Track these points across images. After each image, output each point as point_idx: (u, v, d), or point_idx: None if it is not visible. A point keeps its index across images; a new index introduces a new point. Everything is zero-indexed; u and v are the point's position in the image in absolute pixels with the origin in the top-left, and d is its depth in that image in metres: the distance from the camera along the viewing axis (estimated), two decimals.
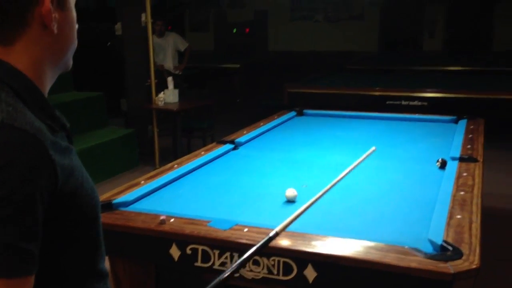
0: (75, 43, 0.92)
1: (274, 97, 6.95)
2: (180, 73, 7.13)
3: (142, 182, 2.33)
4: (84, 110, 5.57)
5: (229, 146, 3.04)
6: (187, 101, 5.72)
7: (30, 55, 0.84)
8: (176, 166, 2.59)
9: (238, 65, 9.96)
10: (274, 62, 11.36)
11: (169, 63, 7.01)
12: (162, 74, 6.50)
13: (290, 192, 2.10)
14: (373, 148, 1.98)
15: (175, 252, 1.80)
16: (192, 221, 1.86)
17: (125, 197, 2.10)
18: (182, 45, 7.13)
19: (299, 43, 11.92)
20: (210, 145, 3.16)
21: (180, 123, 5.44)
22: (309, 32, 11.84)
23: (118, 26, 5.94)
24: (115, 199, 2.06)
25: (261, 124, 3.67)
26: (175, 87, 5.63)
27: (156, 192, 2.26)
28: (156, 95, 5.51)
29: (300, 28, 12.11)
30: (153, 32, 6.05)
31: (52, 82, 0.91)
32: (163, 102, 5.45)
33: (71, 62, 0.94)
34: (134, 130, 5.77)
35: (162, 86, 5.69)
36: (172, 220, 1.86)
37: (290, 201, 2.10)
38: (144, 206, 2.08)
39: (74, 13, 0.90)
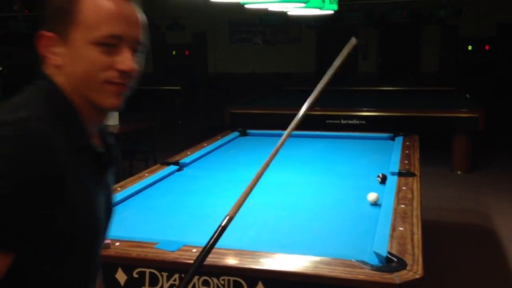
0: (91, 80, 0.90)
1: (215, 118, 6.96)
2: None
3: None
4: None
5: (173, 167, 3.00)
6: (127, 124, 5.61)
7: (56, 79, 0.92)
8: (119, 189, 2.52)
9: (179, 87, 9.92)
10: (214, 84, 11.42)
11: None
12: None
13: (373, 196, 2.34)
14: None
15: (121, 276, 1.74)
16: (138, 244, 1.81)
17: None
18: None
19: (239, 65, 12.08)
20: (154, 167, 3.10)
21: (121, 146, 5.31)
22: (248, 54, 12.03)
23: None
24: None
25: (205, 144, 3.66)
26: None
27: None
28: None
29: (239, 50, 12.28)
30: None
31: (93, 117, 0.95)
32: None
33: (102, 101, 0.92)
34: None
35: None
36: (117, 243, 1.80)
37: (374, 203, 2.33)
38: None
39: (87, 51, 0.89)
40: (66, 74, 0.90)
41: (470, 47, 11.15)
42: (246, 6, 3.05)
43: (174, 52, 12.95)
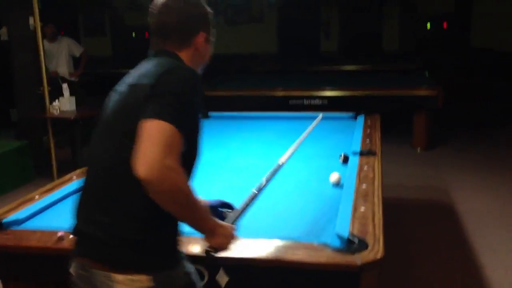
0: (207, 61, 1.57)
1: None
2: (76, 80, 6.77)
3: (37, 197, 2.15)
4: None
5: None
6: (86, 109, 5.43)
7: (186, 59, 1.47)
8: (74, 177, 2.43)
9: None
10: None
11: (63, 69, 6.63)
12: (56, 81, 6.12)
13: (335, 177, 2.33)
14: (320, 115, 2.39)
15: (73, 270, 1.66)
16: None
17: (16, 215, 1.92)
18: (77, 50, 6.77)
19: None
20: None
21: (80, 132, 5.15)
22: None
23: (3, 30, 5.51)
24: (4, 218, 1.88)
25: None
26: (72, 94, 5.33)
27: (53, 207, 2.10)
28: (51, 103, 5.17)
29: None
30: (44, 37, 5.69)
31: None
32: (58, 111, 5.12)
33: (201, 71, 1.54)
34: (27, 142, 5.36)
35: (56, 93, 5.35)
36: (72, 236, 1.72)
37: (336, 184, 2.32)
38: (39, 223, 1.92)
39: (211, 46, 1.57)
40: (199, 58, 1.52)
41: (428, 25, 11.32)
42: None
43: (134, 34, 12.62)
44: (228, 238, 1.40)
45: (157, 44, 1.46)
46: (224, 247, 1.40)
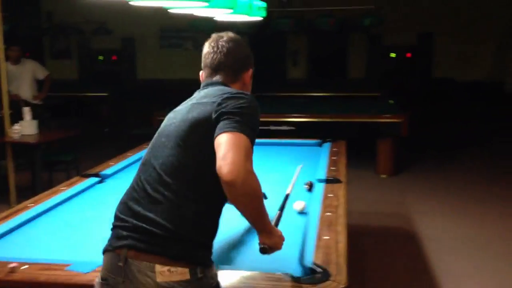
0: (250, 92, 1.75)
1: (145, 125, 6.76)
2: (40, 103, 6.61)
3: None
4: None
5: (94, 180, 2.84)
6: (48, 132, 5.30)
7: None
8: (32, 204, 2.34)
9: (106, 94, 9.57)
10: (143, 90, 11.14)
11: (25, 92, 6.46)
12: (17, 104, 5.96)
13: (300, 205, 2.36)
14: (301, 165, 2.53)
15: None
16: (48, 266, 1.67)
17: None
18: (42, 73, 6.64)
19: (169, 71, 11.86)
20: (72, 179, 2.92)
21: (40, 157, 5.01)
22: (178, 60, 11.84)
23: None
24: None
25: (129, 154, 3.51)
26: (35, 117, 5.19)
27: (6, 236, 2.01)
28: (11, 126, 5.02)
29: (170, 56, 12.07)
30: (7, 59, 5.56)
31: None
32: (19, 135, 4.98)
33: None
34: None
35: (18, 117, 5.20)
36: (25, 267, 1.65)
37: (301, 212, 2.35)
38: None
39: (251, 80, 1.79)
40: (245, 89, 1.73)
41: (393, 55, 11.64)
42: (170, 11, 2.95)
43: (101, 58, 12.51)
44: (281, 239, 1.62)
45: (210, 76, 1.70)
46: (279, 247, 1.61)
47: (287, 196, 2.08)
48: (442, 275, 3.48)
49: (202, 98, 1.58)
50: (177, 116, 1.60)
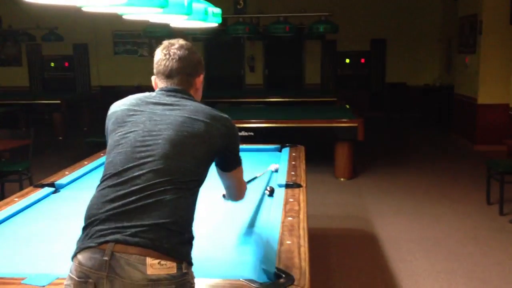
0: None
1: (100, 133, 6.61)
2: None
3: None
4: None
5: (48, 190, 2.74)
6: None
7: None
8: None
9: (59, 101, 9.30)
10: (98, 97, 10.90)
11: None
12: None
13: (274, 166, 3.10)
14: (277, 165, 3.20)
15: None
16: (3, 281, 1.60)
17: None
18: None
19: (124, 78, 11.66)
20: (25, 190, 2.81)
21: None
22: (133, 67, 11.66)
23: None
24: None
25: (86, 163, 3.42)
26: None
27: None
28: None
29: (124, 62, 11.87)
30: None
31: None
32: None
33: None
34: None
35: None
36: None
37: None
38: None
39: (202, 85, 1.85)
40: (197, 96, 1.81)
41: (347, 60, 11.88)
42: (125, 17, 2.90)
43: (53, 64, 12.16)
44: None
45: (165, 82, 1.73)
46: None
47: (255, 178, 2.68)
48: (400, 274, 3.57)
49: (193, 113, 1.63)
50: (163, 119, 1.61)
